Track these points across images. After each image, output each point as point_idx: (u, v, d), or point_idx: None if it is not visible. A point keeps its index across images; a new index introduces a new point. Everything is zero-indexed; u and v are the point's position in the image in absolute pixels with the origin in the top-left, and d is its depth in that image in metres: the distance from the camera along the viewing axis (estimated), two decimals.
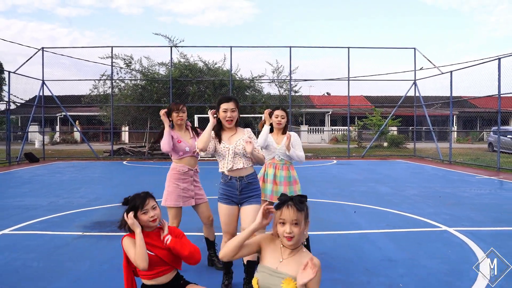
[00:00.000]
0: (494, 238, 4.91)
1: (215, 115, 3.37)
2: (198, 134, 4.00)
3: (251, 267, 3.22)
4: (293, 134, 3.99)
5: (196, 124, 16.92)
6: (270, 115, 4.01)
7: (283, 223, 2.01)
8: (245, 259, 3.26)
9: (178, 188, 3.77)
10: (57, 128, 35.83)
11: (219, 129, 3.39)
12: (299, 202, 2.02)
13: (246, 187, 3.32)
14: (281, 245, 2.10)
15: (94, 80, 19.21)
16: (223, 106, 3.32)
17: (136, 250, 2.48)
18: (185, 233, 2.82)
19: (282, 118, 4.02)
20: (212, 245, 4.05)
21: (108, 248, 4.57)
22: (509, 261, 4.04)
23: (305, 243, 3.69)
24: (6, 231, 5.30)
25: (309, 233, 5.11)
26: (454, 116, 33.60)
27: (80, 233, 5.18)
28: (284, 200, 2.03)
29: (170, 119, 3.92)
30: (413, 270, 3.84)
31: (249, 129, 3.49)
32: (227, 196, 3.32)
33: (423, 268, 3.88)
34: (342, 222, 5.79)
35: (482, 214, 6.25)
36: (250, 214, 3.25)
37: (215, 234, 4.07)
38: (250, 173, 3.36)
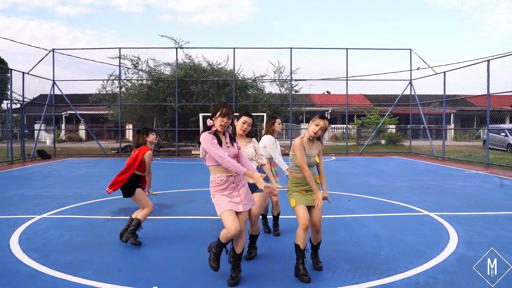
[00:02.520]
0: (467, 220, 5.71)
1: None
2: (233, 142, 3.66)
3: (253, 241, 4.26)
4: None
5: (200, 122, 17.70)
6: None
7: (317, 125, 3.63)
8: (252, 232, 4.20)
9: (223, 195, 3.52)
10: (63, 126, 36.62)
11: (234, 135, 4.23)
12: (329, 120, 3.67)
13: None
14: (308, 142, 3.72)
15: (102, 80, 20.04)
16: (244, 118, 4.12)
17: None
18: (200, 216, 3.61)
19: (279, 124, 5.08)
20: (236, 260, 3.64)
21: None
22: (475, 237, 4.85)
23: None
24: (45, 215, 6.11)
25: None
26: (452, 114, 34.38)
27: (110, 217, 5.98)
28: (324, 116, 3.66)
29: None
30: (393, 243, 4.65)
31: (254, 139, 4.30)
32: None
33: (401, 242, 4.69)
34: (337, 208, 6.59)
35: (461, 201, 7.06)
36: (256, 198, 4.08)
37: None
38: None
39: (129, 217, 5.91)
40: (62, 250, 4.39)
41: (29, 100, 18.68)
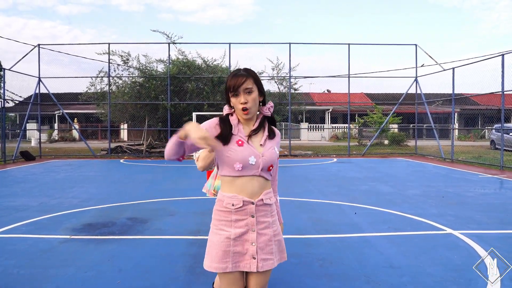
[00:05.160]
0: (502, 241, 4.67)
1: None
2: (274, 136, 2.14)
3: None
4: None
5: (194, 122, 16.64)
6: None
7: None
8: None
9: (223, 236, 2.01)
10: (56, 126, 35.61)
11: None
12: None
13: None
14: None
15: (91, 77, 18.97)
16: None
17: None
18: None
19: None
20: None
21: (96, 253, 4.33)
22: None
23: None
24: None
25: (308, 236, 4.87)
26: (456, 113, 33.35)
27: (67, 237, 4.94)
28: None
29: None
30: (417, 278, 3.61)
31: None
32: None
33: (428, 276, 3.64)
34: (342, 224, 5.56)
35: (488, 215, 6.01)
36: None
37: None
38: None
39: (91, 236, 4.91)
40: None
41: (21, 98, 17.70)
